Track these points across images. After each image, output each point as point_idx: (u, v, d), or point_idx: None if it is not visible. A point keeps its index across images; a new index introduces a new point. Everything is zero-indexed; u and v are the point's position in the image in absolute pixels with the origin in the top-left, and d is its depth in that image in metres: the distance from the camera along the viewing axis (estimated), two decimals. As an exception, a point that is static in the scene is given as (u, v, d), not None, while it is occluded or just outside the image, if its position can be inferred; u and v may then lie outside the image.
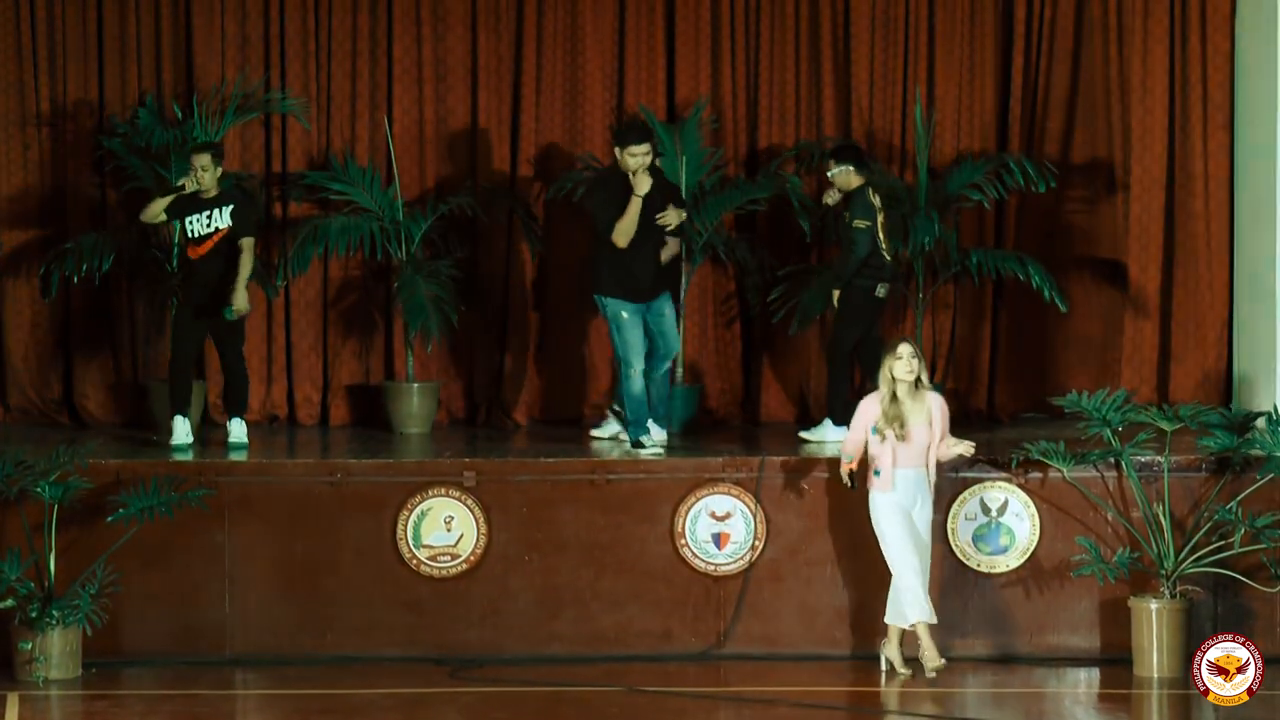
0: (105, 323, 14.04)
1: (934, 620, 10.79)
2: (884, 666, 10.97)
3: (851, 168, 12.79)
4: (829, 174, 12.90)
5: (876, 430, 10.77)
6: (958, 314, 14.23)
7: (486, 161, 14.18)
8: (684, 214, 12.55)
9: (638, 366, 12.23)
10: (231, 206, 12.47)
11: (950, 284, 13.97)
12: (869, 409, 10.84)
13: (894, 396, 10.75)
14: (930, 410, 10.78)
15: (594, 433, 13.02)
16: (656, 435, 12.28)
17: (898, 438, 10.72)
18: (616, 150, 12.28)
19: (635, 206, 12.13)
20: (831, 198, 12.89)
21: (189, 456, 11.97)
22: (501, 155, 14.18)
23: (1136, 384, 13.92)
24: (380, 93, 14.12)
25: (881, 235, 12.73)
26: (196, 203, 12.47)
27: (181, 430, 12.39)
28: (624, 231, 12.17)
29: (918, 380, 10.78)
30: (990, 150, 14.12)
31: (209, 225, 12.45)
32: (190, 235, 12.45)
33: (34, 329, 13.98)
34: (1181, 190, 14.08)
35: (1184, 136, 14.07)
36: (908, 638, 10.89)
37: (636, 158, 12.14)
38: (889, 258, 12.80)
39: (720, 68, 14.19)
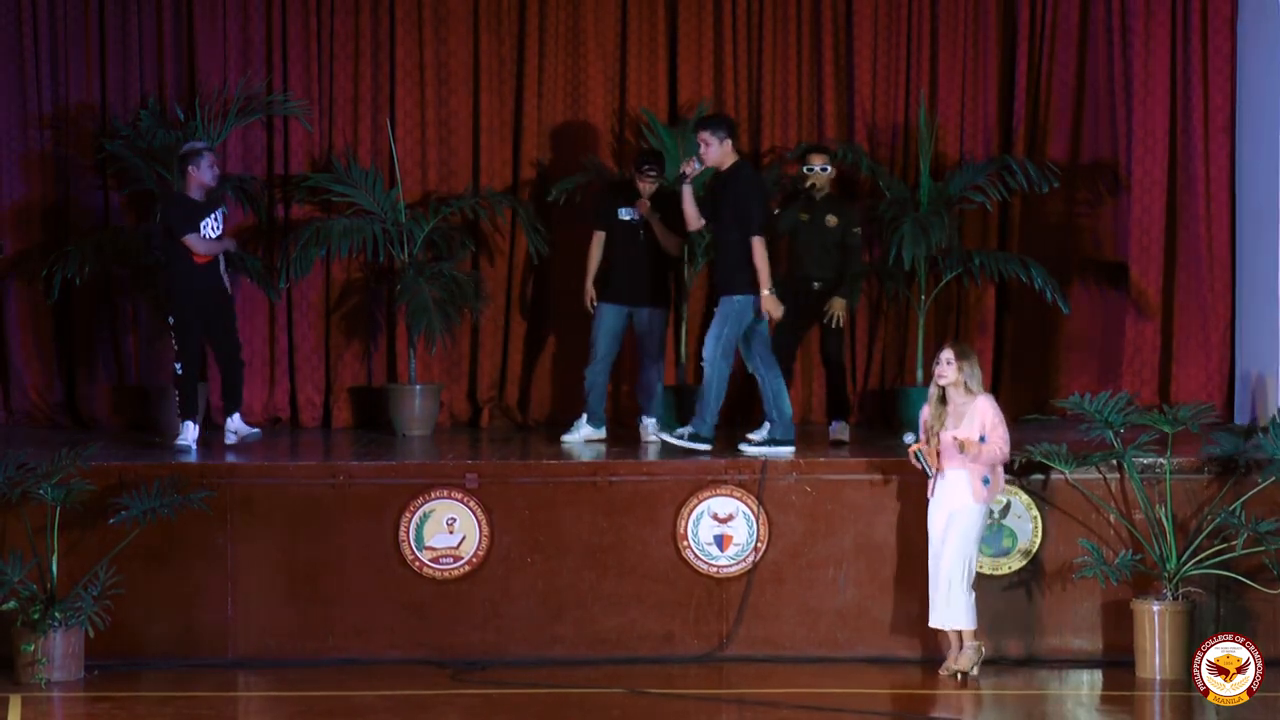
0: (107, 325, 14.05)
1: (939, 626, 10.83)
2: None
3: (832, 170, 12.88)
4: (815, 168, 12.85)
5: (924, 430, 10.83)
6: (960, 316, 14.23)
7: (489, 163, 14.19)
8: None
9: None
10: (223, 206, 12.62)
11: (953, 286, 13.97)
12: (924, 409, 10.89)
13: (942, 398, 10.78)
14: (976, 413, 10.77)
15: (565, 437, 12.97)
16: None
17: (937, 438, 10.75)
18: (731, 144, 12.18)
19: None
20: (831, 221, 12.83)
21: (193, 459, 11.96)
22: (504, 157, 14.19)
23: (1138, 386, 13.92)
24: (382, 95, 14.13)
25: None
26: (205, 206, 12.46)
27: (193, 434, 12.37)
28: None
29: (969, 384, 10.78)
30: (993, 152, 14.12)
31: (219, 227, 12.51)
32: (204, 239, 12.44)
33: (36, 331, 13.99)
34: (1183, 192, 14.08)
35: (1186, 138, 14.07)
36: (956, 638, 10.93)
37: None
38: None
39: (722, 69, 14.20)
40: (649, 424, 12.98)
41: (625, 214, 12.91)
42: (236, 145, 13.91)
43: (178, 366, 12.43)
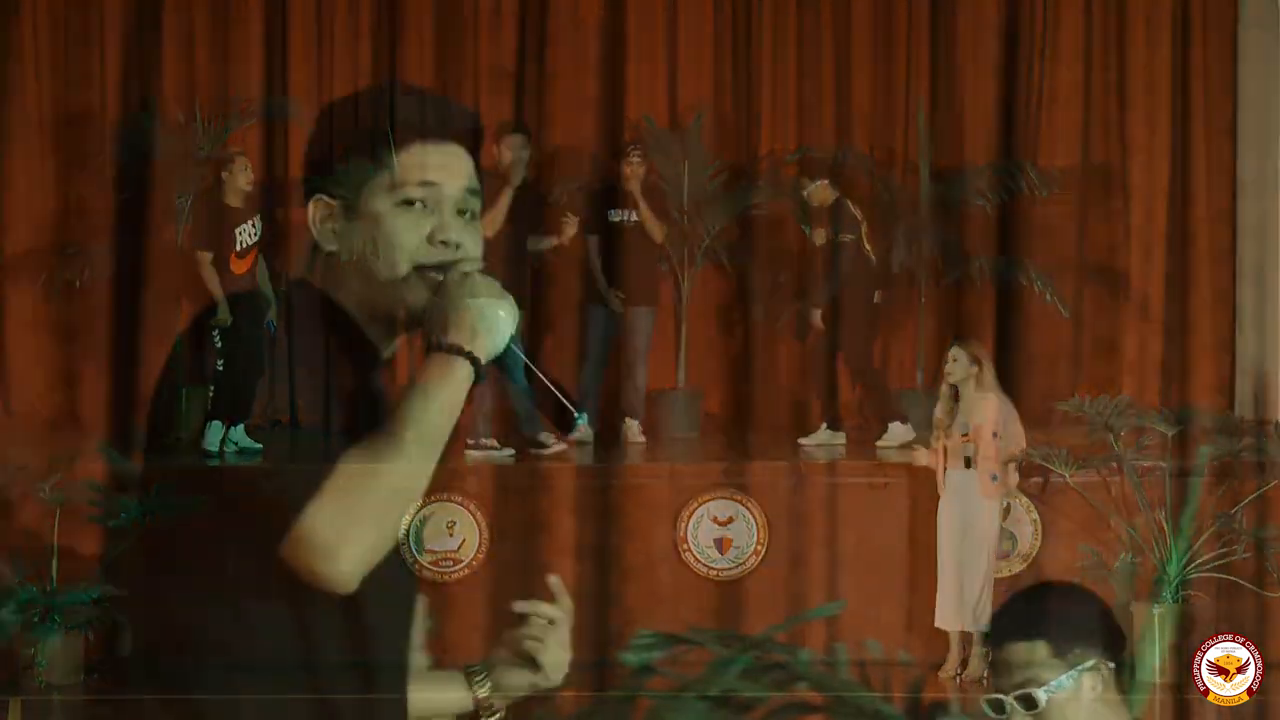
0: (107, 326, 14.04)
1: (944, 627, 10.85)
2: None
3: (827, 181, 12.82)
4: (804, 192, 12.88)
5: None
6: (960, 319, 14.23)
7: (488, 165, 14.17)
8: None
9: None
10: (258, 213, 12.37)
11: (952, 289, 13.97)
12: (936, 407, 10.92)
13: (954, 396, 10.80)
14: (987, 410, 10.79)
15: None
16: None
17: (945, 436, 10.77)
18: (495, 149, 12.11)
19: (507, 198, 11.99)
20: (820, 237, 12.79)
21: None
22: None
23: (1138, 389, 13.91)
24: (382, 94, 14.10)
25: (867, 244, 12.76)
26: (237, 210, 12.25)
27: (217, 437, 12.27)
28: (492, 222, 11.87)
29: (981, 381, 10.80)
30: (992, 155, 14.12)
31: (256, 234, 12.29)
32: (238, 247, 12.24)
33: (36, 333, 13.99)
34: (1184, 194, 14.08)
35: (1186, 140, 14.07)
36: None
37: (514, 150, 12.01)
38: (875, 261, 12.87)
39: (721, 73, 14.19)
40: (634, 425, 12.94)
41: (613, 215, 12.93)
42: (236, 146, 13.90)
43: (219, 364, 12.33)
